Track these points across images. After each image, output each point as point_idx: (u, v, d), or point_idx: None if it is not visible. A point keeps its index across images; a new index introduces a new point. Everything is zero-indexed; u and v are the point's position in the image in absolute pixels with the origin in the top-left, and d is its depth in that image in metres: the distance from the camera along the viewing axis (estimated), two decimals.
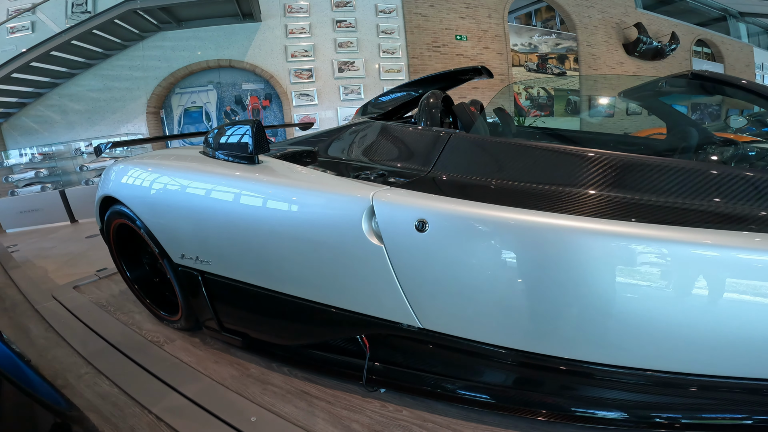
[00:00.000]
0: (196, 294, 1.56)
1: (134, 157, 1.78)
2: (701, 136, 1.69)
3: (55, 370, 1.59)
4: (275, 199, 1.27)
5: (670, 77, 1.54)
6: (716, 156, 1.51)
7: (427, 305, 1.14)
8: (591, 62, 9.21)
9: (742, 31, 13.24)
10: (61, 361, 1.67)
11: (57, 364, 1.65)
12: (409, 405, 1.27)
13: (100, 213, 1.89)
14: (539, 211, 0.99)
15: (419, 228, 1.05)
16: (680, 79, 1.48)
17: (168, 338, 1.77)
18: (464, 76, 2.15)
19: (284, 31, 6.92)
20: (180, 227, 1.49)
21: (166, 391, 1.41)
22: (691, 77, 1.35)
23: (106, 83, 6.56)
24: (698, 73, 1.34)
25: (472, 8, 8.02)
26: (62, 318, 2.06)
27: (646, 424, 1.02)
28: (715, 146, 1.61)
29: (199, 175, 1.43)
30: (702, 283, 0.88)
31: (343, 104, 7.17)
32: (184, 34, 6.70)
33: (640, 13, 10.03)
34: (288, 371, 1.48)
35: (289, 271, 1.32)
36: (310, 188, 1.24)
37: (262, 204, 1.28)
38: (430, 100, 1.58)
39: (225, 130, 1.51)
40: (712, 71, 1.36)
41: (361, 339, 1.31)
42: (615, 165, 1.05)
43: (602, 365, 1.03)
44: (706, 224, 0.90)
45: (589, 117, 3.30)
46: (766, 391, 0.93)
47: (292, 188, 1.26)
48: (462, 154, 1.26)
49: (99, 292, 2.39)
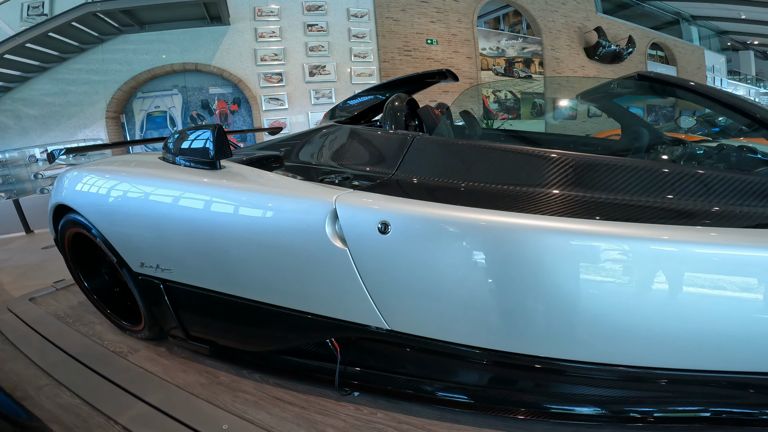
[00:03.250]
0: (159, 303, 1.52)
1: (88, 164, 1.71)
2: (652, 137, 1.77)
3: (13, 383, 1.52)
4: (238, 204, 1.26)
5: (620, 79, 1.62)
6: (666, 155, 1.59)
7: (394, 307, 1.14)
8: (555, 66, 9.55)
9: (694, 34, 13.95)
10: (19, 373, 1.60)
11: (14, 376, 1.58)
12: (384, 407, 1.27)
13: (53, 222, 1.82)
14: (501, 211, 1.01)
15: (382, 230, 1.06)
16: (629, 80, 1.55)
17: (132, 348, 1.71)
18: (430, 79, 2.19)
19: (254, 34, 6.82)
20: (139, 235, 1.45)
21: (132, 401, 1.37)
22: (637, 78, 1.42)
23: (62, 87, 6.26)
24: (644, 75, 1.40)
25: (443, 12, 8.16)
26: (19, 330, 1.97)
27: (621, 418, 1.04)
28: (665, 146, 1.70)
29: (158, 182, 1.40)
30: (661, 278, 0.90)
31: (314, 108, 7.12)
32: (148, 37, 6.49)
33: (600, 18, 10.48)
34: (260, 378, 1.45)
35: (254, 277, 1.30)
36: (273, 193, 1.23)
37: (224, 210, 1.27)
38: (394, 103, 1.60)
39: (185, 135, 1.47)
40: (657, 73, 1.43)
41: (331, 343, 1.31)
42: (573, 165, 1.08)
43: (573, 362, 1.04)
44: (662, 220, 0.93)
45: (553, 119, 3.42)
46: (729, 384, 0.96)
47: (255, 193, 1.25)
48: (425, 157, 1.28)
49: (56, 303, 2.29)
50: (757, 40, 16.91)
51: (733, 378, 0.96)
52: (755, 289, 0.87)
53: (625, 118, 1.97)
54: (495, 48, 8.96)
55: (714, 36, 15.22)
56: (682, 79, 1.36)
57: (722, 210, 0.94)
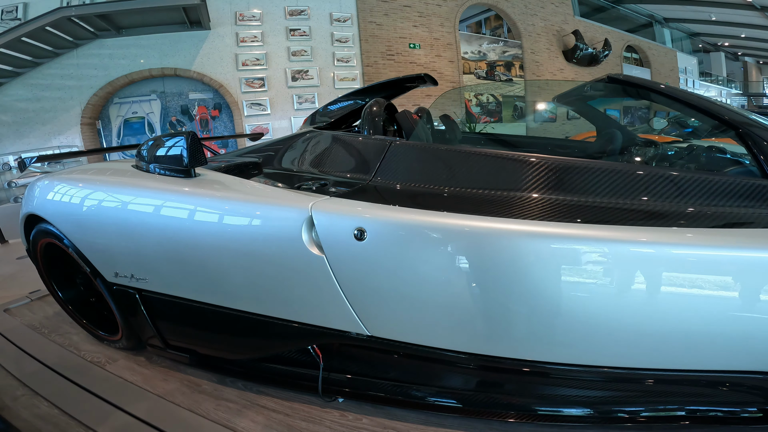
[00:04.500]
0: (135, 312, 1.49)
1: (60, 172, 1.67)
2: (625, 138, 1.81)
3: None
4: (213, 212, 1.24)
5: (592, 82, 1.65)
6: (639, 157, 1.63)
7: (373, 313, 1.14)
8: (535, 69, 9.73)
9: (667, 36, 14.38)
10: None
11: None
12: (369, 413, 1.26)
13: (25, 232, 1.77)
14: (478, 215, 1.01)
15: (358, 237, 1.05)
16: (600, 83, 1.59)
17: (110, 358, 1.67)
18: (410, 83, 2.21)
19: (235, 39, 6.77)
20: (112, 245, 1.42)
21: (111, 410, 1.33)
22: (607, 81, 1.45)
23: (36, 93, 6.10)
24: (614, 77, 1.42)
25: (425, 17, 8.25)
26: None
27: (608, 419, 1.05)
28: (638, 147, 1.74)
29: (131, 190, 1.37)
30: (640, 279, 0.91)
31: (297, 114, 7.09)
32: (125, 41, 6.37)
33: (578, 21, 10.73)
34: (242, 386, 1.43)
35: (232, 285, 1.29)
36: (248, 201, 1.22)
37: (199, 218, 1.25)
38: (372, 108, 1.61)
39: (159, 143, 1.45)
40: (626, 75, 1.46)
41: (313, 349, 1.30)
42: (551, 168, 1.09)
43: (557, 364, 1.05)
44: (639, 222, 0.94)
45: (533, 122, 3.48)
46: (710, 383, 0.98)
47: (231, 201, 1.23)
48: (402, 162, 1.28)
49: (31, 314, 2.22)
50: (728, 41, 17.53)
51: (717, 377, 0.98)
52: (730, 288, 0.89)
53: (599, 121, 2.02)
54: (477, 52, 9.10)
55: (686, 38, 15.70)
56: (652, 82, 1.39)
57: (694, 210, 0.97)
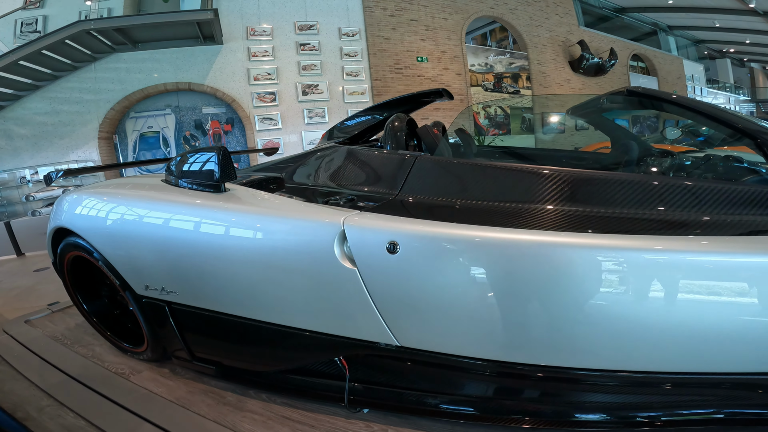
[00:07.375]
0: (164, 325, 1.51)
1: (89, 186, 1.72)
2: (641, 149, 1.83)
3: (13, 403, 1.49)
4: (245, 227, 1.27)
5: (609, 94, 1.68)
6: (656, 167, 1.65)
7: (404, 323, 1.16)
8: (542, 80, 9.78)
9: (672, 44, 14.33)
10: (19, 393, 1.56)
11: (14, 396, 1.54)
12: (394, 423, 1.27)
13: (52, 246, 1.80)
14: (504, 227, 1.05)
15: (390, 250, 1.08)
16: (618, 95, 1.62)
17: (134, 369, 1.69)
18: (426, 98, 2.24)
19: (247, 54, 6.89)
20: (144, 258, 1.45)
21: (138, 422, 1.35)
22: (626, 94, 1.48)
23: (54, 106, 6.23)
24: (633, 90, 1.46)
25: (432, 30, 8.35)
26: (15, 352, 1.93)
27: (627, 423, 1.06)
28: (654, 158, 1.76)
29: (163, 205, 1.40)
30: (658, 286, 0.95)
31: (307, 128, 7.17)
32: (140, 55, 6.52)
33: (583, 31, 10.79)
34: (266, 397, 1.44)
35: (263, 298, 1.31)
36: (280, 215, 1.25)
37: (231, 232, 1.28)
38: (395, 123, 1.64)
39: (189, 158, 1.49)
40: (645, 88, 1.48)
41: (339, 360, 1.31)
42: (569, 180, 1.13)
43: (577, 369, 1.07)
44: (658, 231, 0.98)
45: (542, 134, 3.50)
46: (733, 385, 0.99)
47: (262, 216, 1.26)
48: (428, 176, 1.31)
49: (53, 325, 2.25)
50: (733, 47, 17.45)
51: (737, 379, 1.00)
52: (749, 293, 0.91)
53: (614, 132, 2.04)
54: (483, 64, 9.17)
55: (691, 45, 15.66)
56: (668, 93, 1.42)
57: (714, 219, 0.99)
